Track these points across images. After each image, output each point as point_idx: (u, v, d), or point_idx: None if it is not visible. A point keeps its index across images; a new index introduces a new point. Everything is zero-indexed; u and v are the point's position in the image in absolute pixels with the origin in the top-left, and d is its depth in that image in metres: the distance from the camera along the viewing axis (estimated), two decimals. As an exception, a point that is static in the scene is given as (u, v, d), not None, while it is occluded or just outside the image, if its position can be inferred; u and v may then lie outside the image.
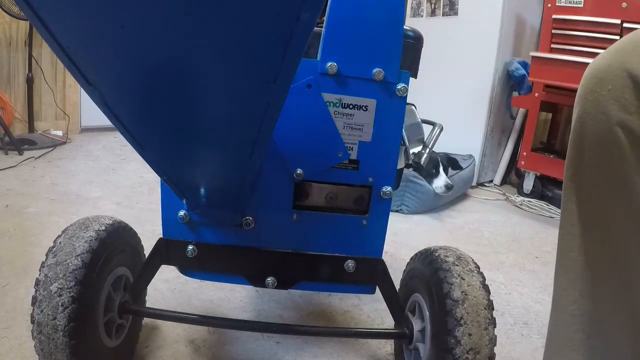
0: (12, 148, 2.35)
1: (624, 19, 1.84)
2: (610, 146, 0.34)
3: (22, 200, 1.69)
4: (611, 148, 0.34)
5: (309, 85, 0.69)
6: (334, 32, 0.68)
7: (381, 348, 1.00)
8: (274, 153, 0.71)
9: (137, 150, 0.49)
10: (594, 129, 0.36)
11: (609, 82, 0.34)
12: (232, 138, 0.47)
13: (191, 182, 0.62)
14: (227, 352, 0.94)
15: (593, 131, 0.36)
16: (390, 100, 0.71)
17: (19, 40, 2.65)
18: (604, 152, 0.35)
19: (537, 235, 1.87)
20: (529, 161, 2.34)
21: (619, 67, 0.34)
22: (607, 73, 0.35)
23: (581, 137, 0.37)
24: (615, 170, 0.35)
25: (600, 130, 0.35)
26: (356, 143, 0.72)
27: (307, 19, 0.29)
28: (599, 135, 0.35)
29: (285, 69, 0.34)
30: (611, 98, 0.34)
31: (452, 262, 0.74)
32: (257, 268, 0.78)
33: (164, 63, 0.34)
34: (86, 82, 0.36)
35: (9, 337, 0.90)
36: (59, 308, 0.65)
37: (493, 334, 0.68)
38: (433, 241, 0.81)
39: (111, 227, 0.76)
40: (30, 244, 1.33)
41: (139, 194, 1.90)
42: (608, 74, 0.35)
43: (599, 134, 0.35)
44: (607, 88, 0.34)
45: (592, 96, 0.36)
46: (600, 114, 0.35)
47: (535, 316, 1.20)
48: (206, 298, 1.13)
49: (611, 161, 0.35)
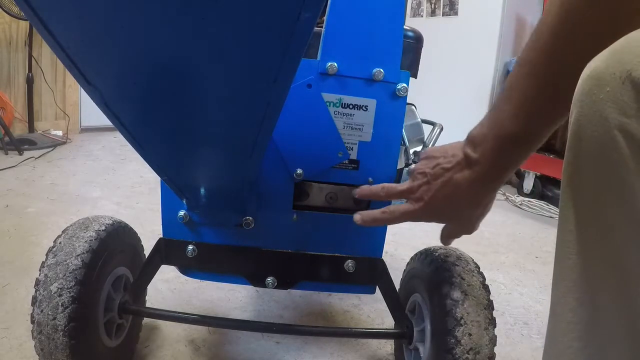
0: (12, 148, 2.35)
1: (624, 18, 1.83)
2: (608, 150, 0.34)
3: (22, 200, 1.70)
4: (609, 152, 0.34)
5: (309, 85, 0.69)
6: (334, 32, 0.68)
7: (381, 348, 1.00)
8: (274, 153, 0.71)
9: (137, 150, 0.49)
10: (591, 133, 0.35)
11: (607, 84, 0.34)
12: (232, 138, 0.47)
13: (191, 182, 0.62)
14: (227, 352, 0.94)
15: (591, 135, 0.35)
16: (390, 100, 0.71)
17: (19, 40, 2.65)
18: (602, 156, 0.35)
19: (537, 235, 1.87)
20: (529, 161, 2.34)
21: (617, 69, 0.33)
22: (605, 75, 0.34)
23: (578, 141, 0.37)
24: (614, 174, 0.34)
25: (598, 134, 0.35)
26: (356, 143, 0.72)
27: (307, 18, 0.29)
28: (597, 139, 0.35)
29: (285, 69, 0.34)
30: (609, 100, 0.33)
31: (452, 262, 0.75)
32: (257, 268, 0.78)
33: (163, 63, 0.34)
34: (86, 82, 0.36)
35: (9, 337, 0.90)
36: (59, 308, 0.65)
37: (493, 334, 0.68)
38: (433, 241, 0.80)
39: (111, 227, 0.76)
40: (30, 244, 1.33)
41: (139, 194, 1.90)
42: (606, 76, 0.34)
43: (597, 138, 0.35)
44: (605, 90, 0.34)
45: (589, 99, 0.35)
46: (598, 117, 0.34)
47: (535, 316, 1.20)
48: (206, 298, 1.13)
49: (609, 165, 0.34)
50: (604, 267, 0.37)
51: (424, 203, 0.60)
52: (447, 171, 0.57)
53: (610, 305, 0.36)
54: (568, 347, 0.39)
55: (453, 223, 0.65)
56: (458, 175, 0.56)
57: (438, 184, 0.58)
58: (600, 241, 0.37)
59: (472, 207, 0.59)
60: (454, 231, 0.65)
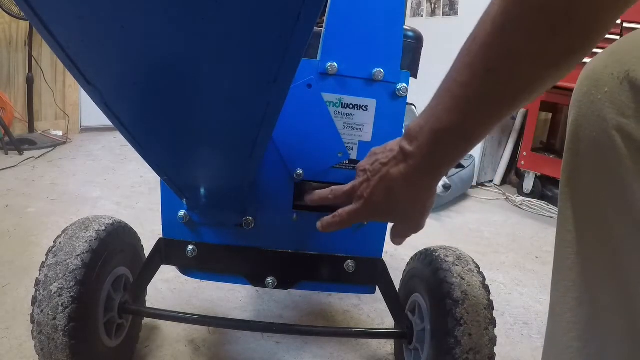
0: (12, 148, 2.34)
1: (624, 18, 1.83)
2: (607, 151, 0.34)
3: (22, 200, 1.69)
4: (608, 152, 0.34)
5: (309, 85, 0.69)
6: (334, 32, 0.68)
7: (381, 348, 1.00)
8: (274, 153, 0.71)
9: (137, 150, 0.49)
10: (590, 133, 0.35)
11: (606, 85, 0.34)
12: (232, 138, 0.47)
13: (191, 182, 0.62)
14: (227, 352, 0.94)
15: (589, 135, 0.35)
16: (390, 100, 0.71)
17: (19, 40, 2.65)
18: (600, 156, 0.35)
19: (537, 235, 1.87)
20: (529, 161, 2.34)
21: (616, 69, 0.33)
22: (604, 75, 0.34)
23: (577, 141, 0.37)
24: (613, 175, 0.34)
25: (597, 134, 0.35)
26: (356, 143, 0.72)
27: (307, 18, 0.29)
28: (595, 139, 0.35)
29: (285, 69, 0.34)
30: (608, 101, 0.33)
31: (452, 262, 0.75)
32: (257, 268, 0.78)
33: (163, 63, 0.34)
34: (86, 82, 0.36)
35: (9, 337, 0.90)
36: (59, 308, 0.65)
37: (493, 334, 0.68)
38: (433, 241, 0.81)
39: (111, 227, 0.76)
40: (30, 244, 1.33)
41: (139, 194, 1.90)
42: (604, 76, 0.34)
43: (595, 138, 0.35)
44: (603, 90, 0.34)
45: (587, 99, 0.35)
46: (597, 117, 0.34)
47: (535, 316, 1.20)
48: (206, 298, 1.13)
49: (608, 166, 0.34)
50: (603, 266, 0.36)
51: (364, 200, 0.59)
52: (384, 166, 0.56)
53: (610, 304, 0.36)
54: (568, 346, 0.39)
55: (396, 221, 0.62)
56: (394, 170, 0.54)
57: (376, 179, 0.57)
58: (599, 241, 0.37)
59: (409, 203, 0.57)
60: (401, 230, 0.63)
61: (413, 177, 0.54)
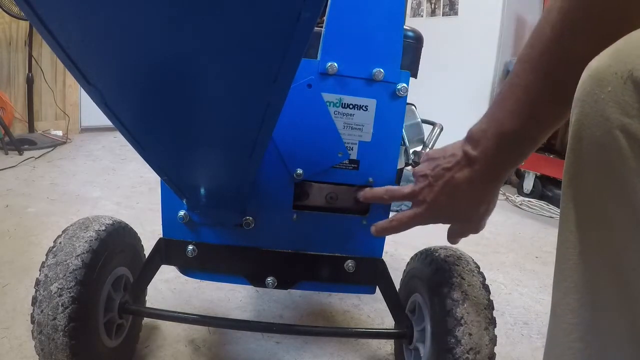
0: (12, 148, 2.35)
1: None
2: (610, 150, 0.34)
3: (22, 200, 1.69)
4: (611, 152, 0.33)
5: (309, 85, 0.69)
6: (334, 32, 0.68)
7: (381, 348, 1.00)
8: (274, 153, 0.71)
9: (137, 150, 0.49)
10: (592, 133, 0.35)
11: (609, 84, 0.33)
12: (232, 138, 0.47)
13: (191, 182, 0.62)
14: (227, 352, 0.94)
15: (592, 135, 0.35)
16: (390, 100, 0.71)
17: (19, 40, 2.65)
18: (603, 156, 0.35)
19: (537, 235, 1.87)
20: (529, 161, 2.34)
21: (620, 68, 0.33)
22: (607, 74, 0.34)
23: (579, 141, 0.37)
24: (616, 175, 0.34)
25: (600, 134, 0.34)
26: (356, 143, 0.72)
27: (307, 18, 0.29)
28: (598, 139, 0.35)
29: (285, 69, 0.34)
30: (611, 100, 0.33)
31: (452, 262, 0.75)
32: (257, 268, 0.78)
33: (163, 63, 0.34)
34: (86, 82, 0.36)
35: (9, 337, 0.90)
36: (59, 308, 0.65)
37: (493, 334, 0.68)
38: (433, 241, 0.81)
39: (111, 227, 0.76)
40: (30, 244, 1.33)
41: (139, 194, 1.90)
42: (608, 75, 0.34)
43: (598, 138, 0.34)
44: (606, 90, 0.34)
45: (590, 98, 0.35)
46: (600, 117, 0.34)
47: (535, 316, 1.20)
48: (206, 298, 1.13)
49: (611, 166, 0.34)
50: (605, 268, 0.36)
51: (427, 205, 0.61)
52: (448, 171, 0.58)
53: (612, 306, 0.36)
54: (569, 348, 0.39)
55: (458, 223, 0.65)
56: (458, 175, 0.57)
57: (439, 184, 0.59)
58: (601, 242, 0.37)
59: (474, 206, 0.60)
60: (461, 230, 0.66)
61: (478, 181, 0.55)
